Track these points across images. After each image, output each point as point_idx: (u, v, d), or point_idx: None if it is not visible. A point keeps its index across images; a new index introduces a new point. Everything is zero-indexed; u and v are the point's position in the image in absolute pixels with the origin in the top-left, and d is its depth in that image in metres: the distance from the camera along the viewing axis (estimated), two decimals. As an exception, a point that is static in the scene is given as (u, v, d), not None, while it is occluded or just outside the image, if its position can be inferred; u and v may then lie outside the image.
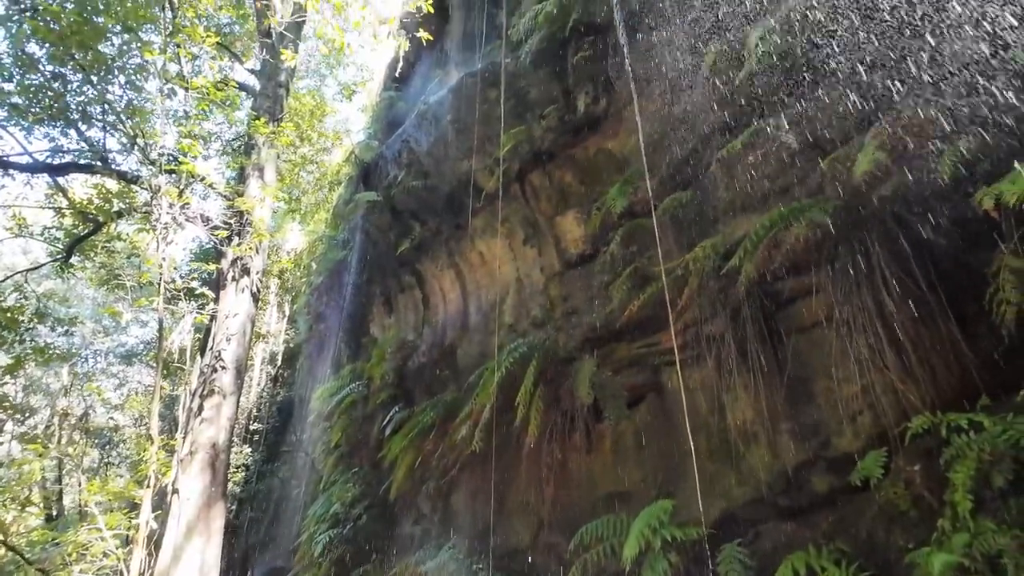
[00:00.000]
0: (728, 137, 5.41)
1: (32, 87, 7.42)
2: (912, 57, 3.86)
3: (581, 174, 7.48)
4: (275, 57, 7.47)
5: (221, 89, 8.03)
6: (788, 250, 4.36)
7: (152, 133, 8.12)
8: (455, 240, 9.63)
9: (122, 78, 7.44)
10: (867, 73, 4.21)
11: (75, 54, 7.21)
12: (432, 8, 5.04)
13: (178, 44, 7.37)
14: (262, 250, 8.48)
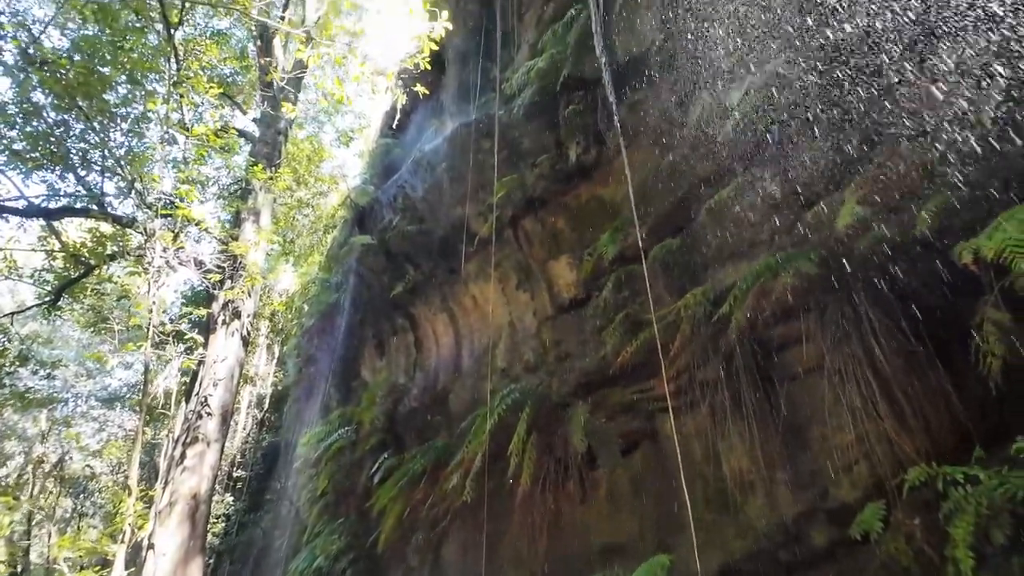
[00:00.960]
0: (714, 187, 5.59)
1: (34, 134, 7.56)
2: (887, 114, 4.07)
3: (573, 220, 7.63)
4: (275, 108, 7.72)
5: (221, 136, 8.23)
6: (777, 298, 4.43)
7: (150, 177, 8.24)
8: (448, 284, 9.67)
9: (124, 126, 7.61)
10: (844, 129, 4.42)
11: (80, 103, 7.41)
12: (429, 64, 5.26)
13: (181, 94, 7.60)
14: (254, 293, 8.47)
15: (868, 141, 4.22)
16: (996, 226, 2.88)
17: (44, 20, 9.86)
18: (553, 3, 8.26)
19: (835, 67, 4.35)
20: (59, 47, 8.83)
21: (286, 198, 11.83)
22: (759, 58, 4.97)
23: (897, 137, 3.98)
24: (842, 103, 4.25)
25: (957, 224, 3.42)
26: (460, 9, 9.87)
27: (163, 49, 8.53)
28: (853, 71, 4.27)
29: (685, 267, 6.09)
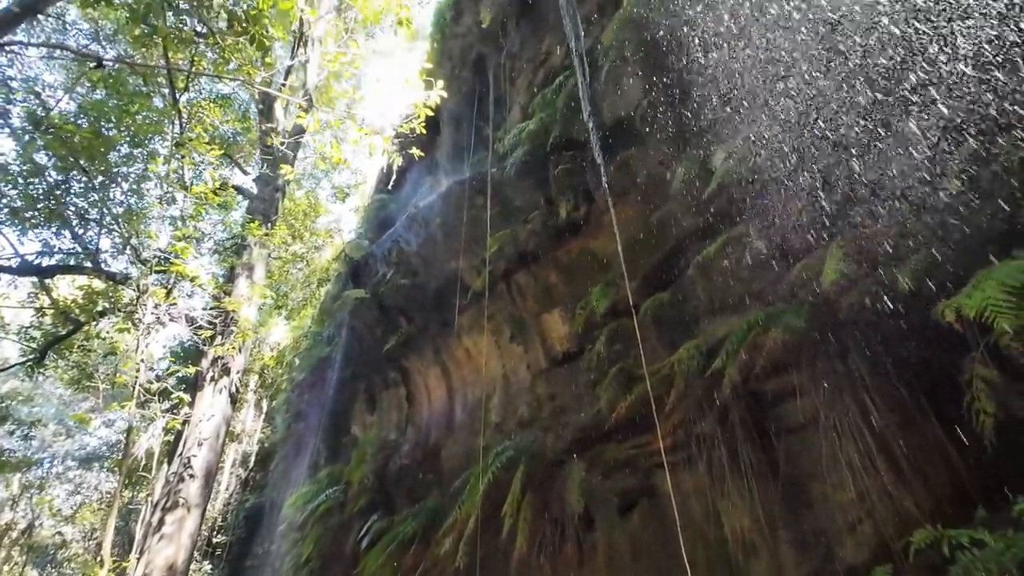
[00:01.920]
0: (702, 242, 5.74)
1: (34, 194, 7.68)
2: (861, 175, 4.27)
3: (565, 274, 7.74)
4: (275, 169, 7.94)
5: (219, 194, 8.41)
6: (768, 353, 4.46)
7: (147, 234, 8.32)
8: (442, 337, 9.64)
9: (125, 185, 7.76)
10: (822, 188, 4.61)
11: (83, 163, 7.59)
12: (424, 128, 5.50)
13: (182, 155, 7.82)
14: (245, 349, 8.38)
15: (846, 200, 4.39)
16: (975, 285, 2.97)
17: (54, 85, 10.27)
18: (543, 70, 8.74)
19: (809, 131, 4.60)
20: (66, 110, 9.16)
21: (281, 252, 11.94)
22: (738, 123, 5.25)
23: (872, 197, 4.15)
24: (818, 165, 4.46)
25: (938, 281, 3.52)
26: (454, 76, 10.41)
27: (167, 112, 8.86)
28: (825, 135, 4.51)
29: (677, 320, 6.14)
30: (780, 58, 5.10)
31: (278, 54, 11.84)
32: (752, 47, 5.44)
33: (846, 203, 4.41)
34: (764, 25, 5.39)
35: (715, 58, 5.73)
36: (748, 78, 5.51)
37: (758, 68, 5.36)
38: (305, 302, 13.47)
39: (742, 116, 5.39)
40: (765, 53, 5.31)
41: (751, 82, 5.47)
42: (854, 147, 4.36)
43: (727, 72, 5.66)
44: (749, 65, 5.40)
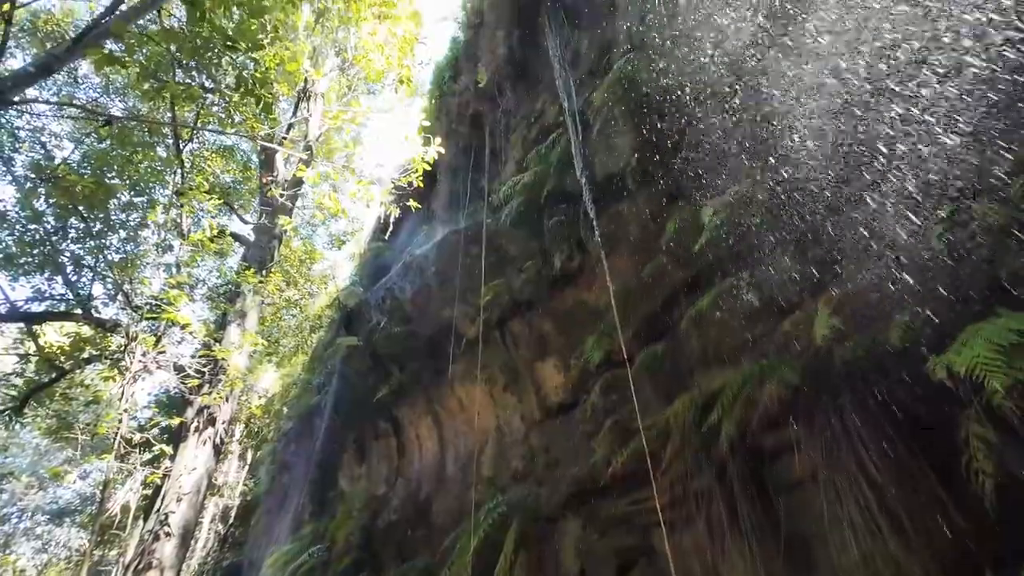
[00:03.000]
0: (694, 294, 5.81)
1: (30, 240, 7.71)
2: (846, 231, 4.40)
3: (559, 323, 7.75)
4: (273, 219, 8.06)
5: (215, 241, 8.47)
6: (764, 407, 4.42)
7: (140, 280, 8.31)
8: (434, 386, 9.51)
9: (122, 232, 7.82)
10: (809, 243, 4.73)
11: (82, 211, 7.67)
12: (422, 182, 5.65)
13: (182, 203, 7.94)
14: (232, 398, 8.21)
15: (833, 255, 4.50)
16: (964, 342, 3.00)
17: (60, 135, 10.51)
18: (537, 126, 9.09)
19: (793, 190, 4.77)
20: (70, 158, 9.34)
21: (275, 298, 11.91)
22: (726, 179, 5.44)
23: (858, 251, 4.26)
24: (804, 221, 4.60)
25: (926, 337, 3.56)
26: (451, 130, 10.80)
27: (170, 162, 9.06)
28: (808, 193, 4.67)
29: (671, 372, 6.11)
30: (767, 118, 5.36)
31: (281, 107, 12.28)
32: (740, 107, 5.72)
33: (833, 257, 4.52)
34: (751, 87, 5.69)
35: (702, 118, 6.01)
36: (735, 137, 5.77)
37: (745, 127, 5.61)
38: (297, 349, 13.31)
39: (729, 173, 5.59)
40: (752, 113, 5.58)
41: (738, 141, 5.71)
42: (838, 203, 4.52)
43: (714, 131, 5.92)
44: (736, 124, 5.66)
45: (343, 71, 11.53)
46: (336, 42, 11.30)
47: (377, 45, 7.37)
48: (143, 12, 4.91)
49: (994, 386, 2.63)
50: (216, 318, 10.65)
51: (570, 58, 8.62)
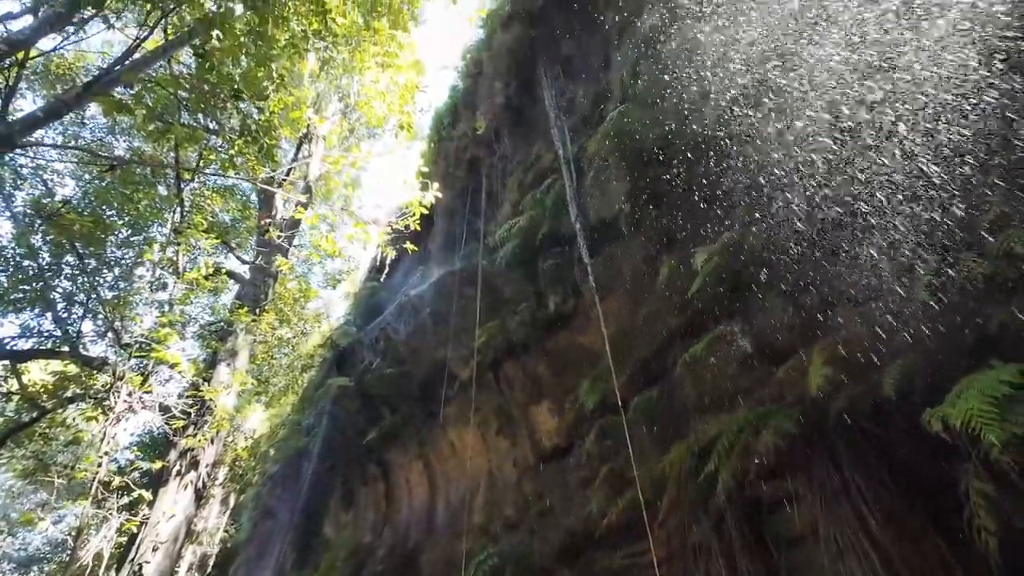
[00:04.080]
0: (689, 339, 5.81)
1: (22, 276, 7.67)
2: (838, 280, 4.46)
3: (554, 366, 7.70)
4: (269, 259, 8.09)
5: (210, 279, 8.46)
6: (761, 457, 4.35)
7: (131, 317, 8.22)
8: (426, 429, 9.32)
9: (117, 270, 7.80)
10: (802, 291, 4.78)
11: (78, 247, 7.67)
12: (420, 226, 5.74)
13: (179, 242, 7.97)
14: (218, 440, 7.99)
15: (826, 303, 4.54)
16: (958, 394, 3.00)
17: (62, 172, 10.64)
18: (533, 171, 9.32)
19: (783, 238, 4.86)
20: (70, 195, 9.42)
21: (267, 336, 11.79)
22: (716, 227, 5.55)
23: (850, 301, 4.31)
24: (794, 270, 4.66)
25: (921, 388, 3.55)
26: (449, 174, 11.05)
27: (170, 200, 9.15)
28: (799, 242, 4.76)
29: (667, 417, 6.03)
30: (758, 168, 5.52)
31: (283, 147, 12.54)
32: (730, 157, 5.90)
33: (826, 305, 4.56)
34: (738, 138, 5.90)
35: (693, 167, 6.18)
36: (725, 185, 5.92)
37: (736, 176, 5.77)
38: (287, 388, 13.06)
39: (720, 220, 5.71)
40: (742, 163, 5.76)
41: (727, 189, 5.86)
42: (828, 253, 4.60)
43: (705, 179, 6.09)
44: (726, 173, 5.83)
45: (345, 115, 11.86)
46: (339, 88, 11.68)
47: (379, 92, 7.62)
48: (153, 61, 5.09)
49: (991, 440, 2.61)
50: (206, 356, 10.50)
51: (565, 107, 8.94)
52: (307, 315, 12.97)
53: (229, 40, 4.45)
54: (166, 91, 5.85)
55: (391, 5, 8.01)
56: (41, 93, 10.01)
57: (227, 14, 5.06)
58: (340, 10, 6.73)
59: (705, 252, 5.49)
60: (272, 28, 5.79)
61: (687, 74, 6.70)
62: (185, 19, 6.80)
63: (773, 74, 5.58)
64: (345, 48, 7.49)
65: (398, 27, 7.94)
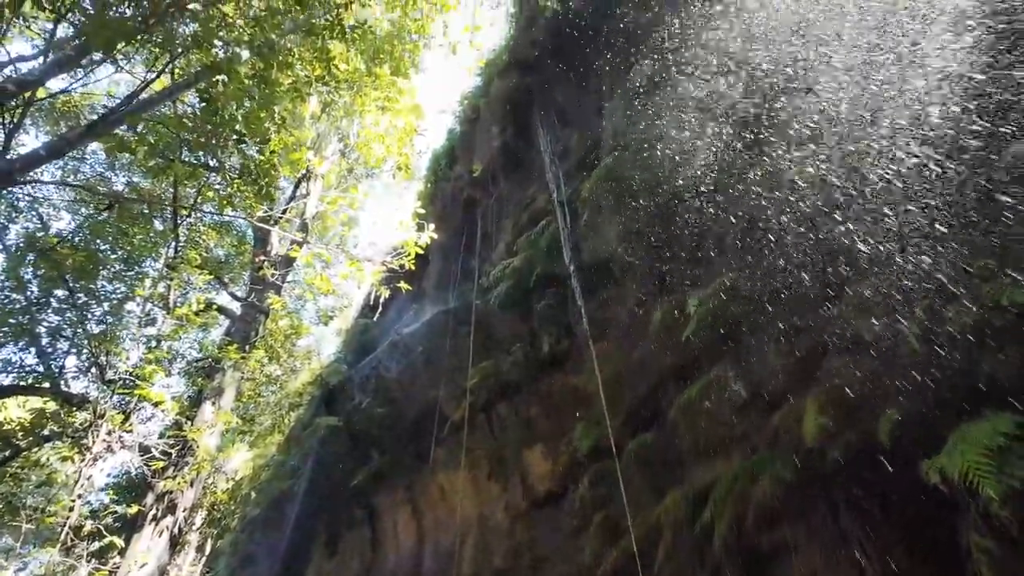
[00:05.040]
0: (683, 382, 5.78)
1: (10, 308, 7.55)
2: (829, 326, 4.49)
3: (547, 408, 7.60)
4: (262, 296, 8.05)
5: (201, 315, 8.36)
6: (758, 505, 4.26)
7: (117, 353, 8.05)
8: (415, 471, 9.06)
9: (106, 304, 7.71)
10: (795, 336, 4.80)
11: (68, 281, 7.59)
12: (414, 265, 5.76)
13: (172, 277, 7.92)
14: (198, 482, 7.70)
15: (819, 349, 4.56)
16: (955, 444, 2.98)
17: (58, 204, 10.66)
18: (528, 212, 9.48)
19: (775, 283, 4.93)
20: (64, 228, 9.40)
21: (255, 373, 11.57)
22: (708, 271, 5.63)
23: (843, 347, 4.33)
24: (788, 314, 4.71)
25: (916, 436, 3.53)
26: (445, 213, 11.21)
27: (165, 235, 9.15)
28: (791, 289, 4.83)
29: (662, 462, 5.93)
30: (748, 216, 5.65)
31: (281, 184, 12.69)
32: (720, 205, 6.05)
33: (820, 350, 4.58)
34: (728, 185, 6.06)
35: (684, 213, 6.33)
36: (715, 232, 6.04)
37: (726, 223, 5.90)
38: (273, 427, 12.72)
39: (712, 265, 5.79)
40: (732, 210, 5.90)
41: (719, 234, 5.98)
42: (820, 299, 4.66)
43: (695, 225, 6.21)
44: (717, 220, 5.96)
45: (344, 155, 12.09)
46: (339, 129, 11.96)
47: (378, 135, 7.79)
48: (158, 103, 5.21)
49: (989, 494, 2.58)
50: (192, 394, 10.25)
51: (559, 152, 9.20)
52: (297, 352, 12.79)
53: (235, 84, 4.59)
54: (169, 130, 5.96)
55: (393, 53, 8.32)
56: (45, 129, 10.14)
57: (234, 59, 5.23)
58: (343, 56, 6.97)
59: (698, 296, 5.55)
60: (276, 72, 5.98)
61: (676, 124, 6.95)
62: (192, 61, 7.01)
63: (761, 124, 5.80)
64: (347, 92, 7.72)
65: (399, 73, 8.22)
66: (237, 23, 5.66)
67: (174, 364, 10.89)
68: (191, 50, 5.03)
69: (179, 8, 3.93)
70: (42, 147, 3.96)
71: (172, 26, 5.04)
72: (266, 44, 5.59)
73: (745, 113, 6.24)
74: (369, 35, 7.10)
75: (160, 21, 3.90)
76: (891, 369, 3.90)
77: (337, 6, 6.55)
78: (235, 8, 5.65)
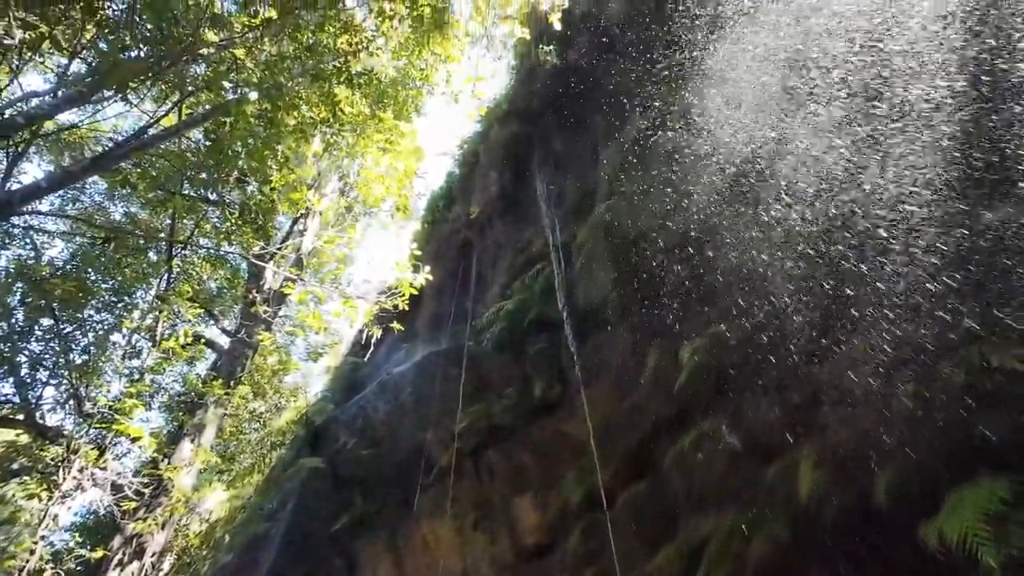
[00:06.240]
0: (676, 432, 5.69)
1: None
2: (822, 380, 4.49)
3: (538, 455, 7.41)
4: (252, 332, 7.98)
5: (187, 348, 8.23)
6: (755, 565, 4.11)
7: (98, 385, 7.85)
8: (399, 519, 8.70)
9: (92, 335, 7.58)
10: (788, 388, 4.79)
11: (55, 310, 7.49)
12: (407, 305, 5.76)
13: (161, 309, 7.84)
14: (170, 525, 7.37)
15: (813, 402, 4.54)
16: (953, 507, 2.93)
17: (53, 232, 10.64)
18: (523, 255, 9.57)
19: (768, 335, 4.95)
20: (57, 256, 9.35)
21: (239, 410, 11.28)
22: (702, 320, 5.65)
23: (837, 402, 4.31)
24: (780, 367, 4.70)
25: (913, 496, 3.47)
26: (440, 253, 11.30)
27: (158, 266, 9.12)
28: (784, 340, 4.84)
29: (655, 514, 5.75)
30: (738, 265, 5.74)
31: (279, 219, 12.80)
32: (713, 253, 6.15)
33: (812, 406, 4.55)
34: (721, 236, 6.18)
35: (677, 261, 6.42)
36: (709, 280, 6.11)
37: (718, 272, 5.98)
38: (253, 467, 12.27)
39: (705, 313, 5.83)
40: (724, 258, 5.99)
41: (712, 284, 6.05)
42: (813, 352, 4.67)
43: (691, 273, 6.29)
44: (709, 270, 6.04)
45: (344, 193, 12.27)
46: (340, 167, 12.20)
47: (379, 176, 7.94)
48: (164, 139, 5.31)
49: (989, 564, 2.51)
50: (172, 429, 9.95)
51: (556, 198, 9.39)
52: (284, 388, 12.53)
53: (242, 124, 4.70)
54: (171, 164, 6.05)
55: (397, 98, 8.61)
56: (48, 159, 10.26)
57: (243, 100, 5.39)
58: (349, 100, 7.20)
59: (691, 345, 5.55)
60: (282, 114, 6.15)
61: (670, 175, 7.15)
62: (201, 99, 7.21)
63: (753, 178, 5.99)
64: (350, 133, 7.92)
65: (402, 117, 8.48)
66: (247, 65, 5.86)
67: (156, 398, 10.63)
68: (203, 91, 5.19)
69: (193, 55, 4.07)
70: (44, 179, 3.99)
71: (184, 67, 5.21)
72: (274, 86, 5.78)
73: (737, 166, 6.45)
74: (375, 81, 7.35)
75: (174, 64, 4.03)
76: (886, 425, 3.88)
77: (345, 53, 6.82)
78: (246, 52, 5.87)
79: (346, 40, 6.57)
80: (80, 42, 4.95)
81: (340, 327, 14.55)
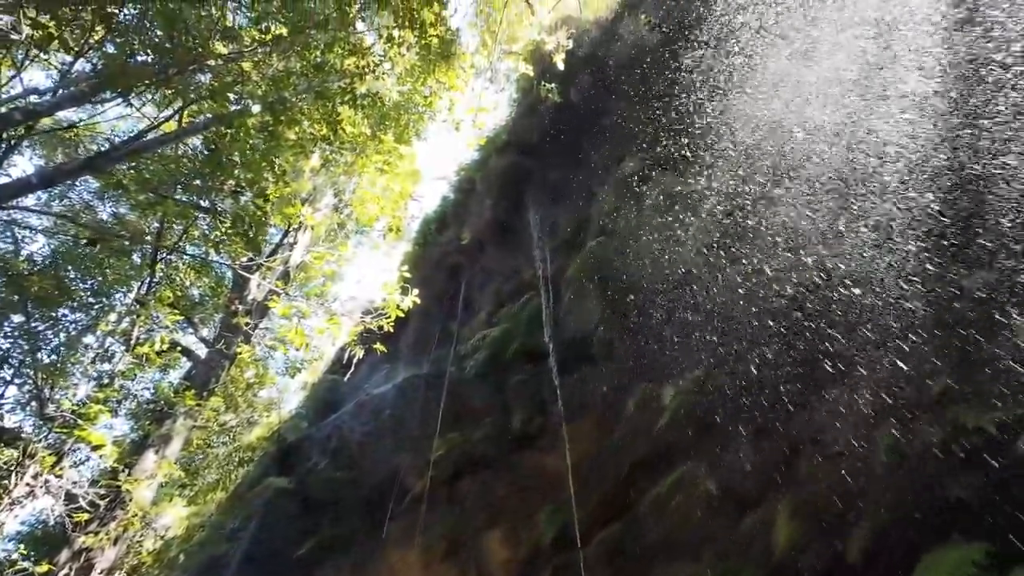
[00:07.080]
0: (655, 473, 5.64)
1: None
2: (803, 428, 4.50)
3: (514, 488, 7.26)
4: (230, 344, 7.82)
5: (163, 355, 8.01)
6: (728, 618, 4.03)
7: (65, 386, 7.57)
8: (367, 546, 8.39)
9: (63, 335, 7.36)
10: (767, 436, 4.79)
11: (28, 307, 7.27)
12: (392, 327, 5.71)
13: (139, 313, 7.66)
14: (123, 540, 7.02)
15: (791, 451, 4.54)
16: (926, 568, 2.92)
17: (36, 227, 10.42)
18: (512, 284, 9.60)
19: (749, 381, 4.98)
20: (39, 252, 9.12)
21: (209, 422, 10.92)
22: (684, 363, 5.68)
23: (815, 453, 4.32)
24: (760, 414, 4.72)
25: (889, 552, 3.46)
26: (429, 276, 11.29)
27: (141, 269, 8.95)
28: (764, 386, 4.88)
29: (631, 557, 5.63)
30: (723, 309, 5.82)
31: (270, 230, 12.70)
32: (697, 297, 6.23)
33: (792, 452, 4.55)
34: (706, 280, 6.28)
35: (662, 304, 6.49)
36: (693, 323, 6.18)
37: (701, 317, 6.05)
38: (218, 484, 11.81)
39: (687, 357, 5.86)
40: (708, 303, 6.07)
41: (696, 327, 6.11)
42: (792, 402, 4.70)
43: (676, 315, 6.35)
44: (693, 314, 6.11)
45: (337, 210, 12.28)
46: (336, 184, 12.23)
47: (374, 196, 7.98)
48: (162, 144, 5.30)
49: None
50: (136, 438, 9.58)
51: (548, 230, 9.49)
52: (258, 403, 12.20)
53: (243, 135, 4.72)
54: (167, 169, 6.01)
55: (399, 121, 8.74)
56: (41, 153, 10.14)
57: (245, 112, 5.42)
58: (351, 120, 7.28)
59: (673, 388, 5.56)
60: (283, 127, 6.19)
61: (661, 218, 7.30)
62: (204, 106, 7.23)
63: (741, 224, 6.13)
64: (350, 152, 7.99)
65: (402, 141, 8.59)
66: (253, 79, 5.92)
67: (124, 404, 10.26)
68: (205, 99, 5.21)
69: (201, 65, 4.11)
70: (34, 174, 3.94)
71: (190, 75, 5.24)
72: (278, 100, 5.83)
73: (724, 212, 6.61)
74: (378, 104, 7.46)
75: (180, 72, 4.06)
76: (863, 479, 3.88)
77: (352, 75, 6.93)
78: (254, 66, 5.94)
79: (354, 62, 6.69)
80: (88, 43, 4.97)
81: (322, 344, 14.32)
